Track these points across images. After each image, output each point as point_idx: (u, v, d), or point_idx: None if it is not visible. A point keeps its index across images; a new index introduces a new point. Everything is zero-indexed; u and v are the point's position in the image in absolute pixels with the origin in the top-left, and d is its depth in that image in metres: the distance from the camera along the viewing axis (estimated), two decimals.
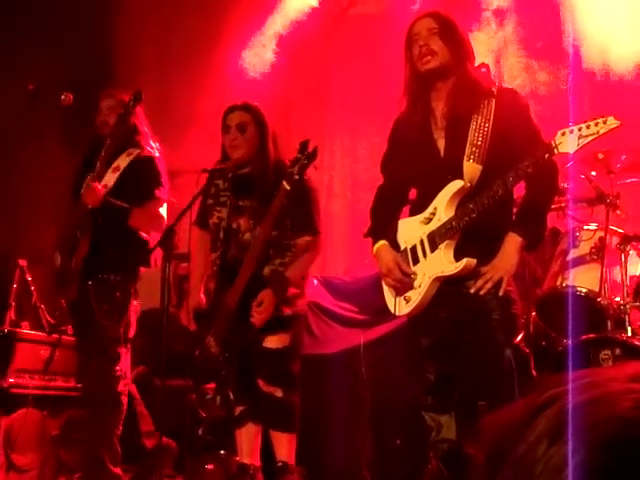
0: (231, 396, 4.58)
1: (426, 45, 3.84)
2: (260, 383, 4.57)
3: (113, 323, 4.89)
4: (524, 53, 6.73)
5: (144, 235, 5.09)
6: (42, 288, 6.03)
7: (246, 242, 4.65)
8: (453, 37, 3.86)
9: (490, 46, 6.85)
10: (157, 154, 5.14)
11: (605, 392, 0.89)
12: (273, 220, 4.44)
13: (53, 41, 6.87)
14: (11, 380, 5.69)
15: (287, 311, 4.61)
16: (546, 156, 3.52)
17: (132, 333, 5.04)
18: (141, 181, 5.02)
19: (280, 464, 4.62)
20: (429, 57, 3.83)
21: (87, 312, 4.91)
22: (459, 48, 3.86)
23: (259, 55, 7.48)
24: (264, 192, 4.58)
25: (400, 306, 3.93)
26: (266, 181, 4.60)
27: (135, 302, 5.04)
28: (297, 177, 4.32)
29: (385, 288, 4.01)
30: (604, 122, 3.39)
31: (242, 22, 7.37)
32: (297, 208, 4.54)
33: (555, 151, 3.48)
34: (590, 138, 3.41)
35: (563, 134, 3.46)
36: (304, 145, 4.35)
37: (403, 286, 3.88)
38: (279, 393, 4.55)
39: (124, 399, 4.93)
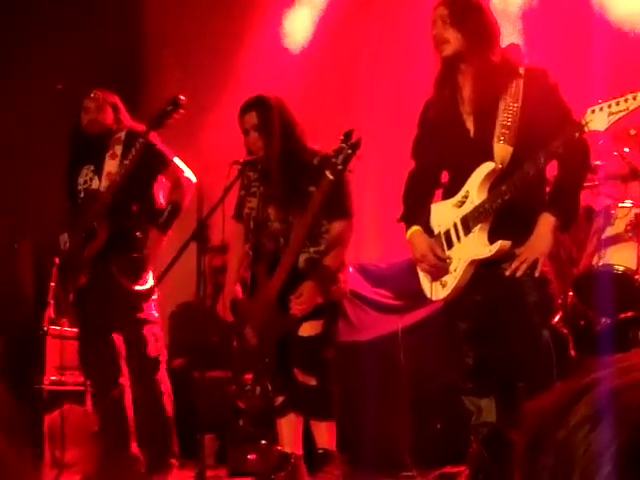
0: (269, 387, 4.59)
1: (439, 34, 3.84)
2: (296, 372, 4.59)
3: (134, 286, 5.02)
4: (553, 28, 6.66)
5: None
6: None
7: (275, 231, 4.68)
8: (467, 22, 3.81)
9: (518, 22, 6.79)
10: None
11: None
12: (316, 210, 4.42)
13: (80, 40, 6.92)
14: (52, 377, 5.77)
15: (319, 299, 4.62)
16: (576, 135, 3.49)
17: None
18: (144, 154, 5.07)
19: (321, 451, 4.64)
20: (443, 45, 3.82)
21: (109, 291, 5.00)
22: (475, 32, 3.81)
23: (285, 44, 7.48)
24: (280, 181, 4.62)
25: (436, 291, 3.92)
26: (275, 172, 4.62)
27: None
28: (341, 167, 4.27)
29: (420, 273, 4.00)
30: (634, 98, 3.36)
31: (266, 13, 7.37)
32: (330, 194, 4.52)
33: (585, 129, 3.46)
34: (620, 115, 3.38)
35: (593, 112, 3.43)
36: (348, 135, 4.28)
37: (438, 271, 3.88)
38: (313, 382, 4.56)
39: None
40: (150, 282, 5.11)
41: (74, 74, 6.06)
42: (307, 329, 4.58)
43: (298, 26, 7.55)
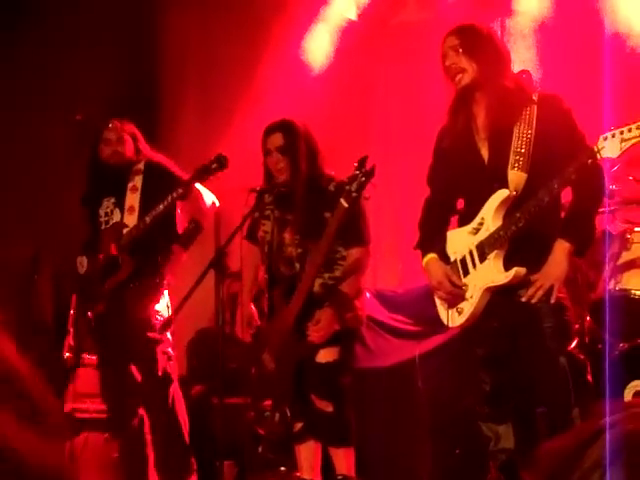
0: (288, 413, 4.60)
1: (454, 64, 3.86)
2: (313, 398, 4.60)
3: (150, 310, 5.05)
4: (566, 51, 6.67)
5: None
6: None
7: (290, 256, 4.70)
8: (480, 50, 3.84)
9: (530, 46, 6.82)
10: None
11: None
12: (331, 237, 4.42)
13: (98, 67, 6.98)
14: (72, 405, 5.80)
15: (336, 325, 4.62)
16: (589, 161, 3.51)
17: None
18: (164, 186, 5.08)
19: (340, 477, 4.65)
20: (460, 75, 3.84)
21: (125, 319, 5.03)
22: (488, 59, 3.84)
23: (301, 71, 7.51)
24: (302, 207, 4.64)
25: (453, 318, 3.93)
26: (299, 197, 4.65)
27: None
28: (355, 194, 4.24)
29: (437, 300, 4.02)
30: None
31: (282, 40, 7.41)
32: (347, 221, 4.54)
33: (598, 156, 3.47)
34: (633, 141, 3.40)
35: (605, 139, 3.45)
36: (362, 162, 4.26)
37: (454, 298, 3.89)
38: (330, 408, 4.56)
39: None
40: (166, 299, 5.15)
41: (90, 103, 6.10)
42: (324, 355, 4.58)
43: (315, 53, 7.58)
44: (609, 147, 3.43)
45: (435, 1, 7.26)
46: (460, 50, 3.84)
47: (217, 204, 5.15)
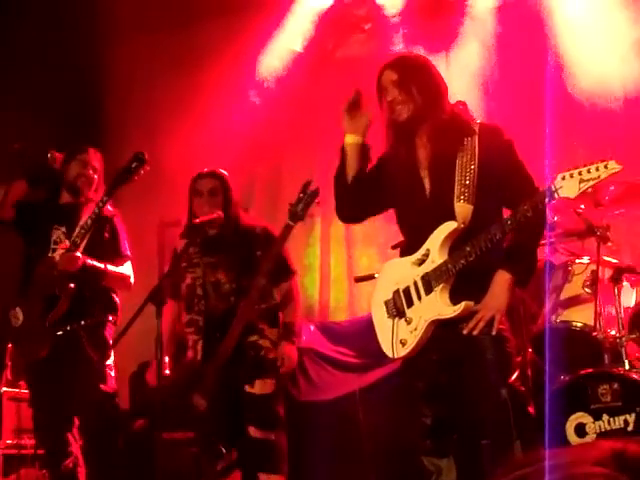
0: (223, 450, 4.63)
1: (393, 98, 3.86)
2: (249, 429, 4.66)
3: (102, 359, 4.95)
4: (509, 83, 6.74)
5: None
6: None
7: (227, 292, 4.84)
8: (417, 82, 3.84)
9: (474, 76, 6.88)
10: (112, 211, 5.20)
11: (568, 475, 0.88)
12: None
13: (40, 100, 6.90)
14: (8, 441, 5.67)
15: (271, 354, 4.77)
16: (546, 201, 3.51)
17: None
18: (107, 240, 5.10)
19: None
20: (399, 107, 3.84)
21: (75, 363, 4.87)
22: (427, 91, 3.85)
23: (245, 104, 7.51)
24: (232, 249, 4.87)
25: (397, 349, 3.89)
26: (231, 240, 4.89)
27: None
28: (301, 213, 4.56)
29: (379, 332, 3.97)
30: (605, 167, 3.38)
31: (226, 74, 7.41)
32: (272, 257, 4.71)
33: (555, 195, 3.48)
34: (591, 183, 3.40)
35: (563, 178, 3.45)
36: (306, 185, 4.62)
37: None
38: (265, 437, 4.66)
39: None
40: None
41: (32, 133, 5.99)
42: (260, 387, 4.70)
43: (261, 82, 7.59)
44: (567, 187, 3.44)
45: (380, 34, 7.30)
46: (398, 84, 3.84)
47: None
